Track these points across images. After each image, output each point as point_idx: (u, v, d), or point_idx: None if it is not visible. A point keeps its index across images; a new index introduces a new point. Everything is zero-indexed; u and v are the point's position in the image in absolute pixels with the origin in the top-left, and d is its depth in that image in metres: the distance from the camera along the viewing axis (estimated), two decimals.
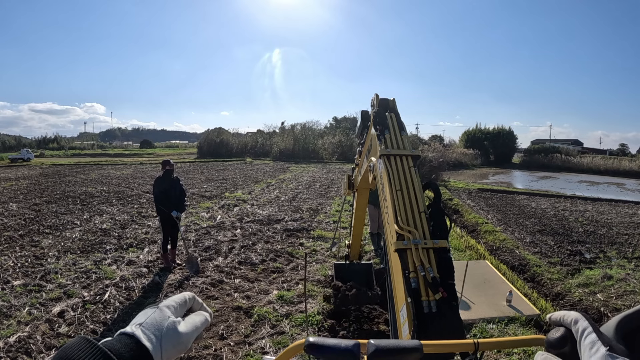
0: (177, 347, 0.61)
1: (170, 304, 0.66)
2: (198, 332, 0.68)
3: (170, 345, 0.60)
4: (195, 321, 0.68)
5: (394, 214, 1.72)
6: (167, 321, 0.62)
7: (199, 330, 0.68)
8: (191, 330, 0.65)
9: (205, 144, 45.67)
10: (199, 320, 0.69)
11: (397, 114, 2.25)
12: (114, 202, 12.67)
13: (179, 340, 0.62)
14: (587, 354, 0.58)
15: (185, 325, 0.64)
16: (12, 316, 4.90)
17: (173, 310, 0.65)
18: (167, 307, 0.65)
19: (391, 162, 1.94)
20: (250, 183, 18.78)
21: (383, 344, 0.68)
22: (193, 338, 0.66)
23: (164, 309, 0.64)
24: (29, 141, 61.26)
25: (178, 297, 0.69)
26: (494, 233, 10.13)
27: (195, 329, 0.67)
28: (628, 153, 73.43)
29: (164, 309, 0.64)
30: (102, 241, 8.17)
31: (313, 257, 7.51)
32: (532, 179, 31.70)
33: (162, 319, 0.61)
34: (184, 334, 0.63)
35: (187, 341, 0.64)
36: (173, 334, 0.61)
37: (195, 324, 0.67)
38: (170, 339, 0.60)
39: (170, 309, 0.65)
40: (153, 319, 0.61)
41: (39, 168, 25.47)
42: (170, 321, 0.62)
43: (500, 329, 4.98)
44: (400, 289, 1.55)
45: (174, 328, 0.62)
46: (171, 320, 0.62)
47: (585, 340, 0.59)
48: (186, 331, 0.64)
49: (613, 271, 7.40)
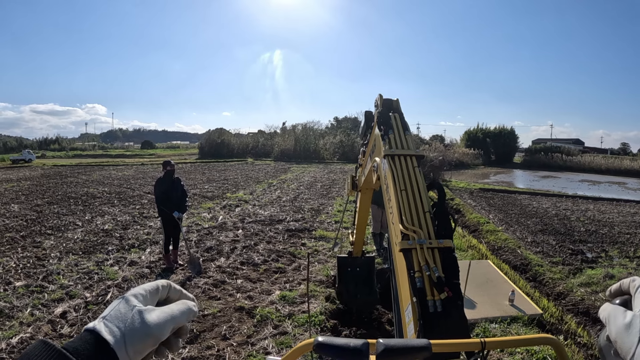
0: (145, 340, 0.55)
1: (137, 292, 0.60)
2: (175, 323, 0.60)
3: (137, 338, 0.54)
4: (171, 310, 0.61)
5: (399, 214, 1.72)
6: (133, 311, 0.56)
7: (177, 320, 0.60)
8: (163, 320, 0.58)
9: (206, 144, 45.68)
10: (177, 309, 0.61)
11: (400, 114, 2.26)
12: (115, 203, 12.69)
13: (147, 332, 0.55)
14: (639, 301, 0.64)
15: (156, 315, 0.58)
16: (15, 317, 4.91)
17: (141, 298, 0.59)
18: (134, 295, 0.59)
19: (395, 162, 1.94)
20: (251, 183, 18.79)
21: (392, 343, 0.68)
22: (166, 329, 0.58)
23: (130, 298, 0.58)
24: (30, 142, 61.36)
25: (149, 285, 0.63)
26: (495, 233, 10.13)
27: (170, 318, 0.59)
28: (629, 152, 73.32)
29: (130, 298, 0.58)
30: (104, 242, 8.18)
31: (315, 257, 7.51)
32: (534, 178, 31.65)
33: (127, 310, 0.56)
34: (153, 324, 0.56)
35: (158, 333, 0.57)
36: (139, 325, 0.55)
37: (171, 312, 0.60)
38: (136, 330, 0.55)
39: (138, 298, 0.59)
40: (117, 311, 0.56)
41: (41, 169, 25.51)
42: (135, 311, 0.56)
43: (503, 328, 4.98)
44: (405, 288, 1.55)
45: (140, 318, 0.56)
46: (137, 310, 0.56)
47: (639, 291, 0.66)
48: (157, 321, 0.57)
49: (615, 270, 7.39)
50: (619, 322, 0.61)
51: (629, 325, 0.59)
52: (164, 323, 0.58)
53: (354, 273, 5.07)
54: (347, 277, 5.07)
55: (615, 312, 0.64)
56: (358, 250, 4.91)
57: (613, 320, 0.63)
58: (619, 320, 0.62)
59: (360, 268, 5.07)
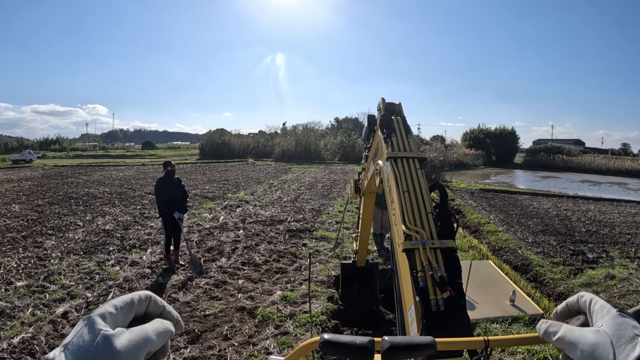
0: None
1: (105, 311, 0.50)
2: (150, 346, 0.51)
3: None
4: (145, 331, 0.51)
5: (402, 215, 1.73)
6: (98, 337, 0.47)
7: (153, 343, 0.51)
8: (135, 345, 0.48)
9: (207, 145, 45.73)
10: (153, 330, 0.52)
11: (403, 118, 2.29)
12: (116, 203, 12.70)
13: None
14: (599, 316, 0.58)
15: (126, 339, 0.48)
16: (16, 317, 4.91)
17: (109, 319, 0.50)
18: (100, 316, 0.49)
19: (398, 165, 1.96)
20: (252, 184, 18.80)
21: (397, 341, 0.68)
22: (139, 355, 0.49)
23: (96, 319, 0.49)
24: (31, 143, 61.47)
25: (121, 299, 0.53)
26: (496, 233, 10.13)
27: (144, 341, 0.50)
28: (630, 152, 73.36)
29: (96, 319, 0.49)
30: (105, 242, 8.19)
31: (316, 258, 7.51)
32: (534, 179, 31.67)
33: (92, 336, 0.47)
34: (123, 351, 0.47)
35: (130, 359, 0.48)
36: (104, 354, 0.46)
37: (145, 335, 0.50)
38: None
39: (105, 319, 0.49)
40: (80, 338, 0.47)
41: (41, 169, 25.53)
42: (101, 337, 0.47)
43: (504, 328, 4.98)
44: (408, 288, 1.56)
45: (105, 346, 0.46)
46: (102, 335, 0.47)
47: (595, 305, 0.60)
48: (126, 347, 0.47)
49: (616, 271, 7.39)
50: (585, 343, 0.54)
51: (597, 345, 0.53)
52: (136, 348, 0.49)
53: (357, 281, 5.05)
54: (350, 285, 5.05)
55: (574, 333, 0.58)
56: (362, 259, 4.86)
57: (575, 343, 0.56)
58: (582, 341, 0.55)
59: (363, 276, 5.04)
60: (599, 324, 0.56)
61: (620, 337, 0.52)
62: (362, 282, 5.05)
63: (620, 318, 0.55)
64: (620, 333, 0.53)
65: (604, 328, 0.55)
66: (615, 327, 0.54)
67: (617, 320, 0.55)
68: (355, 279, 5.05)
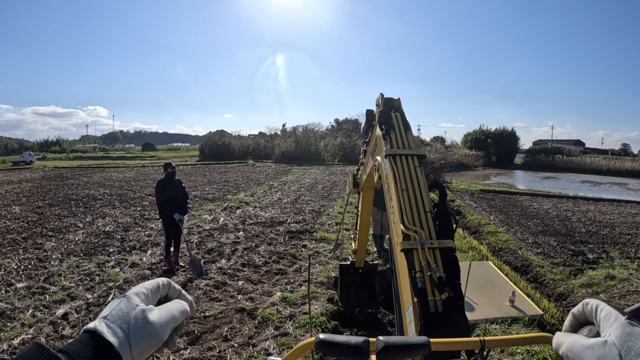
0: (149, 340, 0.54)
1: (139, 291, 0.58)
2: (175, 322, 0.59)
3: (141, 338, 0.52)
4: (171, 309, 0.59)
5: (400, 214, 1.72)
6: (135, 310, 0.54)
7: (177, 319, 0.60)
8: (165, 320, 0.57)
9: (207, 146, 45.74)
10: (176, 308, 0.60)
11: (402, 113, 2.23)
12: (116, 205, 12.71)
13: (151, 332, 0.54)
14: (607, 324, 0.55)
15: (158, 314, 0.56)
16: (16, 318, 4.92)
17: (143, 297, 0.57)
18: (135, 294, 0.57)
19: (397, 162, 1.93)
20: (252, 185, 18.80)
21: (392, 341, 0.69)
22: (168, 328, 0.57)
23: (132, 297, 0.56)
24: (31, 144, 61.46)
25: (150, 283, 0.61)
26: (496, 234, 10.13)
27: (172, 317, 0.58)
28: (630, 153, 73.32)
29: (132, 297, 0.56)
30: (105, 244, 8.19)
31: (316, 259, 7.51)
32: (534, 179, 31.65)
33: (130, 309, 0.54)
34: (157, 324, 0.55)
35: (162, 332, 0.56)
36: (143, 324, 0.53)
37: (172, 312, 0.59)
38: (139, 330, 0.53)
39: (140, 297, 0.57)
40: (119, 310, 0.53)
41: (42, 171, 25.54)
42: (138, 310, 0.54)
43: (503, 329, 4.98)
44: (406, 289, 1.55)
45: (143, 318, 0.54)
46: (140, 309, 0.55)
47: (601, 313, 0.57)
48: (159, 321, 0.55)
49: (616, 271, 7.39)
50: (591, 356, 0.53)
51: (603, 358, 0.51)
52: (166, 323, 0.57)
53: (356, 283, 5.02)
54: (349, 287, 5.03)
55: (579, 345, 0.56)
56: (361, 259, 4.82)
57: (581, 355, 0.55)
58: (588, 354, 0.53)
59: (362, 278, 5.00)
60: (607, 333, 0.54)
61: (629, 350, 0.50)
62: (361, 285, 5.03)
63: (630, 327, 0.52)
64: (630, 345, 0.50)
65: (612, 338, 0.52)
66: (624, 337, 0.51)
67: (626, 329, 0.52)
68: (354, 281, 5.01)
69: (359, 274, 4.96)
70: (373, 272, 5.00)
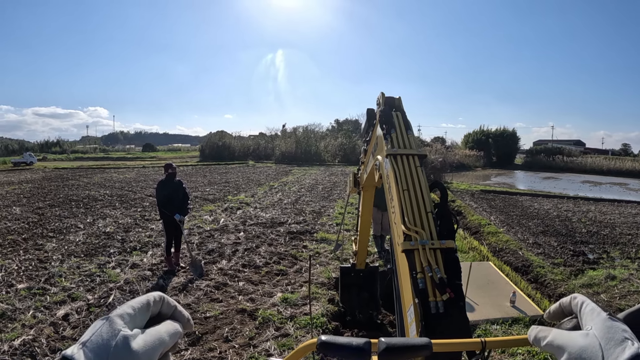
0: None
1: (124, 312, 0.52)
2: (165, 347, 0.53)
3: None
4: (159, 332, 0.53)
5: (401, 214, 1.72)
6: (117, 338, 0.48)
7: (166, 344, 0.54)
8: (152, 346, 0.51)
9: (207, 147, 45.74)
10: (165, 331, 0.54)
11: (403, 113, 2.23)
12: (117, 206, 12.71)
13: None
14: (589, 318, 0.57)
15: (143, 341, 0.50)
16: (17, 319, 4.92)
17: (128, 319, 0.52)
18: (119, 316, 0.51)
19: (398, 162, 1.92)
20: (253, 186, 18.81)
21: (393, 342, 0.69)
22: (155, 356, 0.51)
23: (115, 319, 0.50)
24: (32, 145, 61.49)
25: (137, 301, 0.55)
26: (497, 234, 10.13)
27: (159, 343, 0.52)
28: (630, 153, 73.30)
29: (115, 319, 0.50)
30: (105, 244, 8.20)
31: (317, 260, 7.51)
32: (535, 179, 31.65)
33: (110, 336, 0.48)
34: (141, 352, 0.49)
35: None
36: (124, 354, 0.47)
37: (160, 336, 0.53)
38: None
39: (124, 318, 0.51)
40: (99, 336, 0.48)
41: (42, 172, 25.56)
42: (120, 337, 0.49)
43: (504, 329, 4.98)
44: (407, 289, 1.56)
45: (124, 346, 0.48)
46: (122, 336, 0.49)
47: (586, 308, 0.60)
48: (144, 348, 0.50)
49: (616, 271, 7.38)
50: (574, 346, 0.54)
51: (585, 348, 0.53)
52: (153, 349, 0.51)
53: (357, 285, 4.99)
54: (349, 289, 5.01)
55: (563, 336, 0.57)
56: (361, 261, 4.79)
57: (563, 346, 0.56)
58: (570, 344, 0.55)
59: (363, 280, 4.97)
60: (589, 326, 0.56)
61: (609, 340, 0.52)
62: (362, 288, 4.99)
63: (610, 321, 0.55)
64: (610, 336, 0.52)
65: (593, 331, 0.54)
66: (605, 330, 0.54)
67: (607, 323, 0.54)
68: (355, 283, 4.98)
69: (359, 276, 4.94)
70: (374, 274, 4.98)
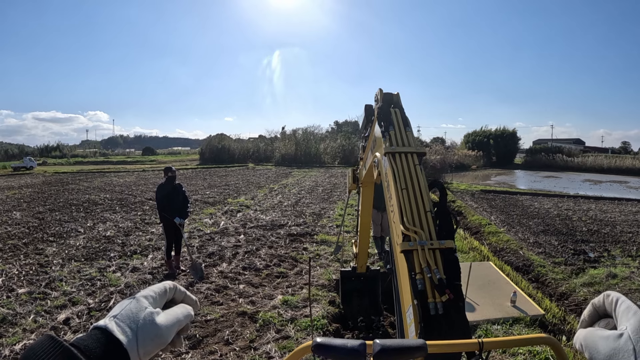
0: (156, 341, 0.57)
1: (148, 294, 0.62)
2: (180, 325, 0.63)
3: (148, 339, 0.55)
4: (176, 313, 0.63)
5: (400, 213, 1.70)
6: (144, 312, 0.57)
7: (181, 323, 0.63)
8: (171, 323, 0.60)
9: (207, 150, 45.69)
10: (181, 313, 0.64)
11: (401, 109, 2.19)
12: (117, 210, 12.71)
13: (158, 333, 0.57)
14: (625, 317, 0.55)
15: (165, 317, 0.60)
16: (18, 324, 4.92)
17: (151, 300, 0.61)
18: (144, 297, 0.61)
19: (396, 160, 1.89)
20: (252, 188, 18.80)
21: (388, 344, 0.69)
22: (174, 331, 0.61)
23: (141, 299, 0.60)
24: (32, 149, 61.46)
25: (157, 287, 0.65)
26: (497, 234, 10.12)
27: (177, 321, 0.62)
28: (630, 151, 73.26)
29: (141, 299, 0.60)
30: (106, 248, 8.19)
31: (317, 262, 7.51)
32: (535, 179, 31.61)
33: (139, 310, 0.57)
34: (164, 326, 0.58)
35: (167, 334, 0.59)
36: (151, 326, 0.56)
37: (177, 316, 0.62)
38: (147, 331, 0.56)
39: (148, 299, 0.61)
40: (128, 310, 0.56)
41: (42, 176, 25.56)
42: (147, 312, 0.58)
43: (505, 329, 4.97)
44: (406, 290, 1.55)
45: (151, 320, 0.57)
46: (148, 312, 0.58)
47: (621, 307, 0.57)
48: (166, 323, 0.59)
49: (617, 270, 7.38)
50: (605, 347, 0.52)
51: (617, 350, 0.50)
52: (172, 326, 0.60)
53: (358, 289, 4.96)
54: (350, 295, 4.97)
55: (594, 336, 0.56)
56: (362, 264, 4.75)
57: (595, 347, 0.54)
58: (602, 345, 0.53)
59: (364, 284, 4.93)
60: (624, 327, 0.53)
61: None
62: (363, 293, 4.96)
63: None
64: None
65: (628, 332, 0.51)
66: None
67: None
68: (356, 287, 4.94)
69: (360, 280, 4.90)
70: (375, 278, 4.93)
